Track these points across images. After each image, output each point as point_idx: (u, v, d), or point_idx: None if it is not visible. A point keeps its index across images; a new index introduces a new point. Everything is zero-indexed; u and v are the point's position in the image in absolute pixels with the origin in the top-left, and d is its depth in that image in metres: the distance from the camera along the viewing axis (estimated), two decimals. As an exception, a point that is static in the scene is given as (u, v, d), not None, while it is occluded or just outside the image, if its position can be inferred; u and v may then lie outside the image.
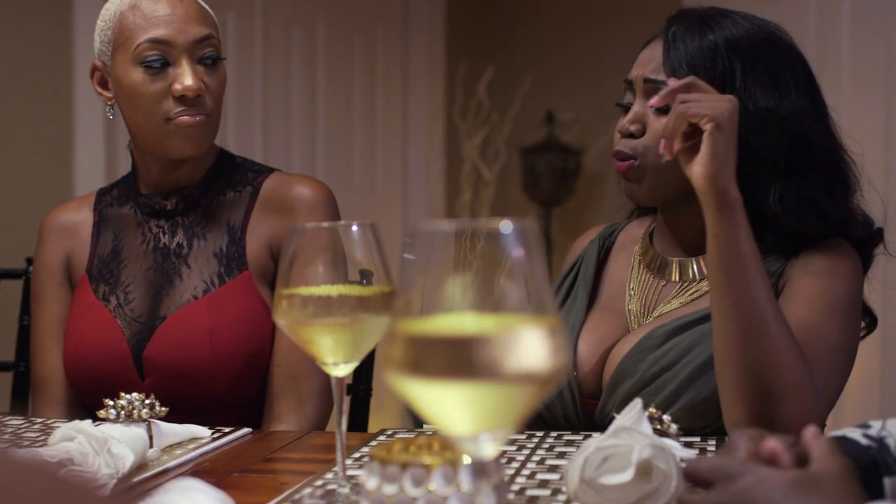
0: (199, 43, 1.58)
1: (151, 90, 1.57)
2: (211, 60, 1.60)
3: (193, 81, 1.56)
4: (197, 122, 1.57)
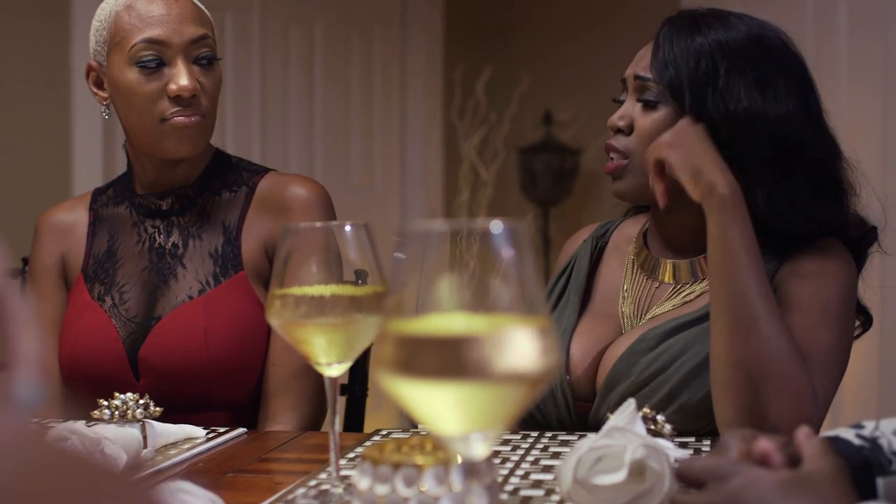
0: (194, 43, 1.58)
1: (147, 90, 1.56)
2: (206, 60, 1.60)
3: (189, 82, 1.56)
4: (192, 122, 1.57)
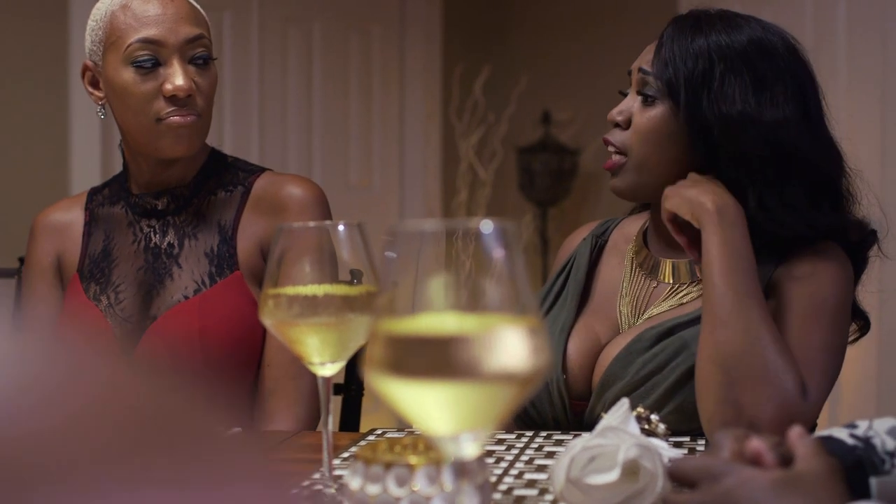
0: (190, 43, 1.58)
1: (142, 90, 1.56)
2: (202, 60, 1.59)
3: (184, 81, 1.55)
4: (188, 122, 1.57)
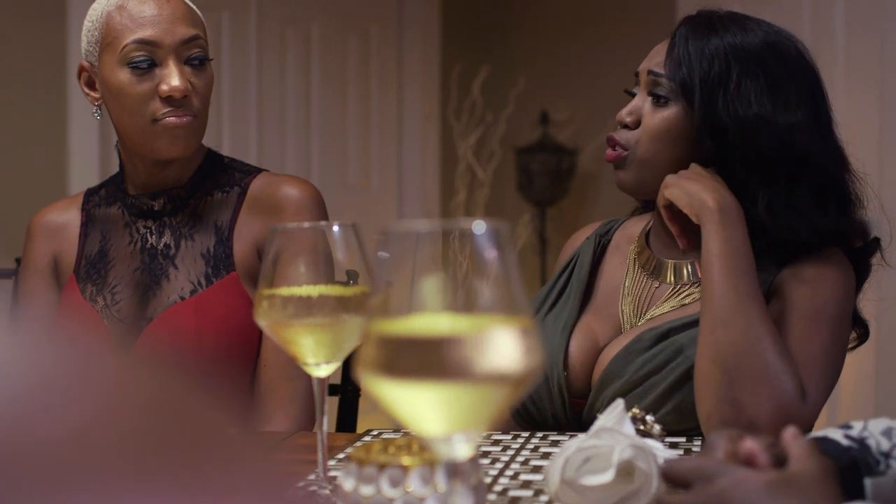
0: (186, 43, 1.58)
1: (138, 91, 1.56)
2: (198, 61, 1.59)
3: (180, 82, 1.55)
4: (184, 123, 1.57)
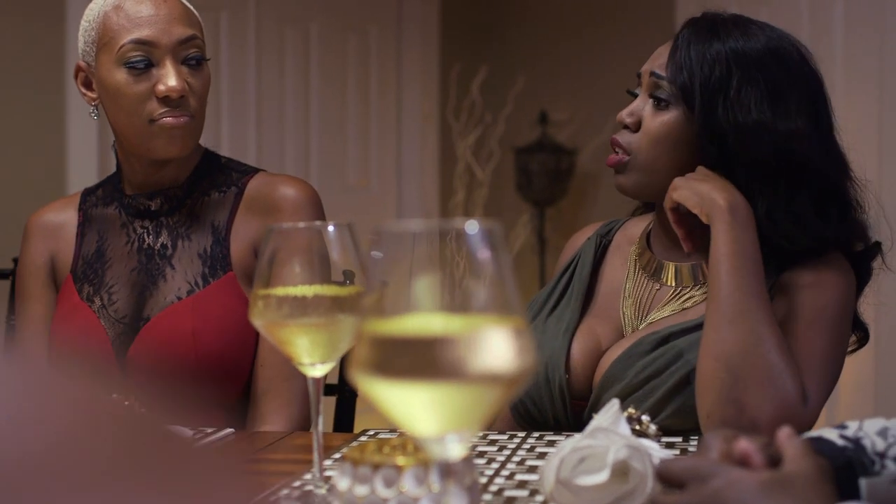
0: (182, 44, 1.57)
1: (135, 91, 1.56)
2: (195, 61, 1.59)
3: (177, 82, 1.55)
4: (181, 123, 1.57)
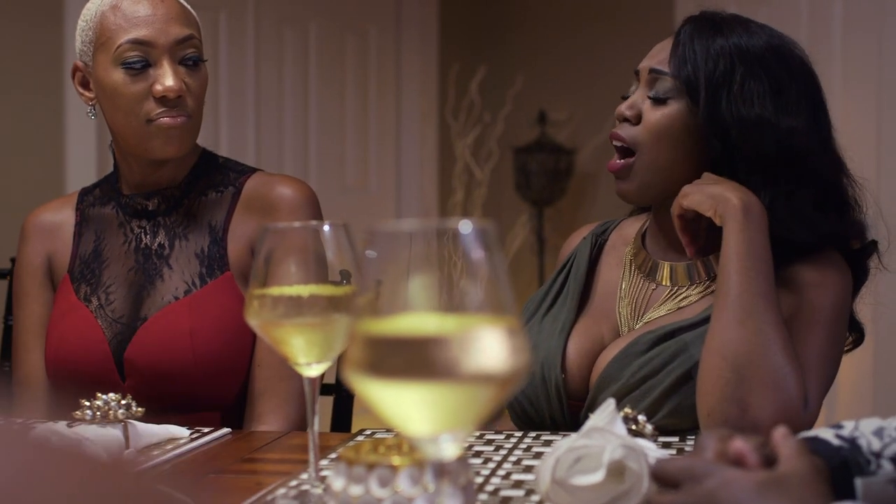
0: (180, 44, 1.57)
1: (132, 91, 1.56)
2: (192, 61, 1.59)
3: (174, 82, 1.55)
4: (178, 123, 1.57)
